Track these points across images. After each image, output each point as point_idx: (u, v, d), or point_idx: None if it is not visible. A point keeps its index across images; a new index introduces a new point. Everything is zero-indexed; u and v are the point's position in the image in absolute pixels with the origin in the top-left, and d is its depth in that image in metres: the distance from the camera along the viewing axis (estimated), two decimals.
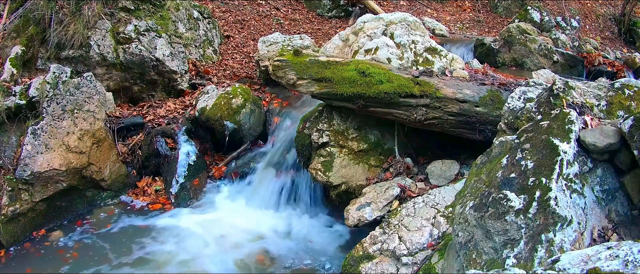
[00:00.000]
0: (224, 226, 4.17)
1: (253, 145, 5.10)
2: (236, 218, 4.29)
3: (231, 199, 4.59)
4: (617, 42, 8.76)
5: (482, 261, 2.07)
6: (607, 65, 7.01)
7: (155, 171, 4.77)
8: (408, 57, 4.82)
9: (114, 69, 5.12)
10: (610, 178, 2.23)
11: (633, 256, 1.42)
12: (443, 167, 3.80)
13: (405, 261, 2.92)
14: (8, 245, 3.80)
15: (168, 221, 4.23)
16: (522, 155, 2.23)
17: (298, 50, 3.98)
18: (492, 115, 3.54)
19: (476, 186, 2.35)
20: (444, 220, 3.07)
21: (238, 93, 4.99)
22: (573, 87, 2.65)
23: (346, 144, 4.03)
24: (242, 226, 4.19)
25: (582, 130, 2.26)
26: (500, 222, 2.03)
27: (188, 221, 4.23)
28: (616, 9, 9.47)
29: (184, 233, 4.06)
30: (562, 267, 1.51)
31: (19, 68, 4.56)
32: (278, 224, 4.23)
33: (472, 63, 5.80)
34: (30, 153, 3.90)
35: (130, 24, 5.15)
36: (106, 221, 4.25)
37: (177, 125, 4.89)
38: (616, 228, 2.12)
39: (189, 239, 3.98)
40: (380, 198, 3.55)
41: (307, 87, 3.80)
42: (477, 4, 9.82)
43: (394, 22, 5.21)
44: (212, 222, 4.22)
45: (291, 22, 8.26)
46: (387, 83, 3.61)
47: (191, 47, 5.97)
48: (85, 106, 4.31)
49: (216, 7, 7.89)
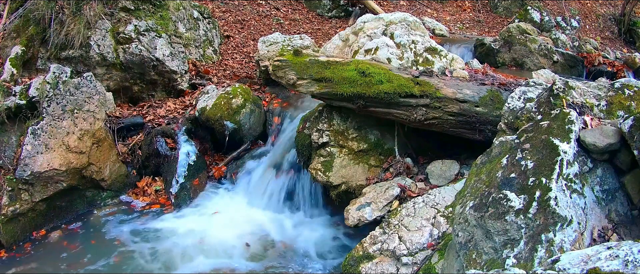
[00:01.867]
0: (224, 226, 4.17)
1: (253, 145, 5.10)
2: (236, 218, 4.29)
3: (231, 199, 4.59)
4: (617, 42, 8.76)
5: (482, 261, 2.07)
6: (607, 65, 7.01)
7: (155, 171, 4.77)
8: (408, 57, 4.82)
9: (114, 69, 5.12)
10: (610, 178, 2.23)
11: (633, 256, 1.42)
12: (443, 167, 3.80)
13: (405, 261, 2.92)
14: (8, 245, 3.80)
15: (168, 221, 4.23)
16: (522, 155, 2.23)
17: (298, 50, 3.98)
18: (492, 115, 3.54)
19: (476, 186, 2.35)
20: (444, 220, 3.07)
21: (238, 93, 4.99)
22: (573, 87, 2.65)
23: (346, 144, 4.03)
24: (242, 226, 4.18)
25: (582, 130, 2.26)
26: (500, 222, 2.03)
27: (188, 221, 4.23)
28: (616, 9, 9.47)
29: (184, 233, 4.06)
30: (562, 267, 1.51)
31: (19, 68, 4.57)
32: (278, 224, 4.23)
33: (472, 63, 5.80)
34: (30, 153, 3.90)
35: (130, 24, 5.15)
36: (106, 221, 4.25)
37: (177, 125, 4.89)
38: (616, 228, 2.12)
39: (188, 239, 3.98)
40: (380, 198, 3.55)
41: (307, 87, 3.80)
42: (477, 4, 9.82)
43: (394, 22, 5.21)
44: (211, 222, 4.22)
45: (291, 22, 8.26)
46: (387, 83, 3.61)
47: (191, 47, 5.97)
48: (85, 106, 4.31)
49: (216, 7, 7.89)
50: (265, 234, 4.11)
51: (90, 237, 4.01)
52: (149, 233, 4.07)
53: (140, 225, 4.19)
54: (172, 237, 4.01)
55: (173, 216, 4.32)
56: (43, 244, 3.91)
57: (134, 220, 4.26)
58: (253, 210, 4.41)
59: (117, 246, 3.89)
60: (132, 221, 4.24)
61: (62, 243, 3.92)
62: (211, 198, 4.59)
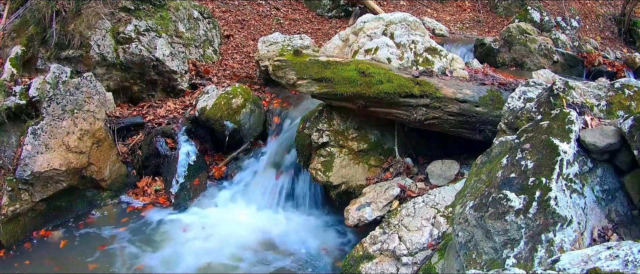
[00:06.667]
0: (224, 226, 4.17)
1: (253, 145, 5.10)
2: (236, 218, 4.29)
3: (231, 199, 4.59)
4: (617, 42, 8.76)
5: (482, 261, 2.07)
6: (607, 65, 7.02)
7: (155, 171, 4.77)
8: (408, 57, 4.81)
9: (114, 69, 5.12)
10: (610, 178, 2.23)
11: (633, 256, 1.42)
12: (443, 167, 3.80)
13: (405, 261, 2.92)
14: (8, 245, 3.80)
15: (168, 221, 4.23)
16: (522, 155, 2.23)
17: (298, 50, 3.98)
18: (492, 115, 3.54)
19: (476, 186, 2.35)
20: (444, 220, 3.07)
21: (238, 93, 4.99)
22: (573, 87, 2.65)
23: (346, 144, 4.03)
24: (241, 226, 4.18)
25: (582, 130, 2.26)
26: (500, 222, 2.03)
27: (188, 221, 4.23)
28: (616, 9, 9.47)
29: (184, 233, 4.06)
30: (562, 267, 1.51)
31: (19, 68, 4.56)
32: (278, 224, 4.23)
33: (472, 63, 5.80)
34: (30, 153, 3.90)
35: (130, 24, 5.15)
36: (106, 221, 4.25)
37: (177, 125, 4.89)
38: (616, 228, 2.12)
39: (188, 239, 3.98)
40: (380, 198, 3.55)
41: (307, 87, 3.80)
42: (477, 4, 9.82)
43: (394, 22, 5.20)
44: (211, 222, 4.22)
45: (291, 22, 8.26)
46: (387, 83, 3.61)
47: (191, 47, 5.97)
48: (85, 106, 4.31)
49: (216, 7, 7.89)
50: (264, 234, 4.11)
51: (90, 237, 4.01)
52: (149, 233, 4.07)
53: (140, 225, 4.19)
54: (172, 237, 4.01)
55: (173, 216, 4.32)
56: (43, 244, 3.91)
57: (134, 220, 4.26)
58: (253, 209, 4.41)
59: (117, 246, 3.89)
60: (132, 221, 4.24)
61: (62, 243, 3.92)
62: (211, 198, 4.59)
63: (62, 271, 3.59)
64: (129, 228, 4.13)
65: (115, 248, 3.86)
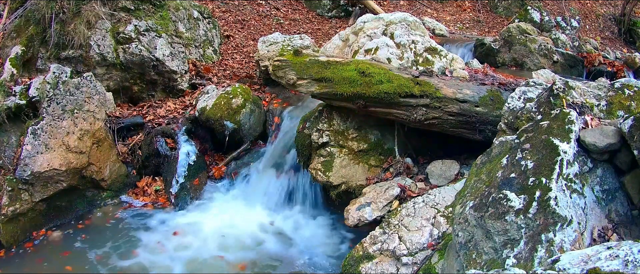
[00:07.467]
0: (224, 226, 4.17)
1: (253, 145, 5.10)
2: (236, 218, 4.29)
3: (231, 199, 4.59)
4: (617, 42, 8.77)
5: (482, 261, 2.07)
6: (607, 65, 7.02)
7: (155, 171, 4.77)
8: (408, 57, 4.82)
9: (114, 69, 5.12)
10: (610, 178, 2.23)
11: (633, 256, 1.42)
12: (443, 167, 3.80)
13: (405, 261, 2.92)
14: (8, 245, 3.80)
15: (168, 221, 4.23)
16: (522, 155, 2.23)
17: (298, 50, 3.98)
18: (492, 115, 3.54)
19: (476, 186, 2.35)
20: (444, 220, 3.07)
21: (238, 93, 4.99)
22: (573, 87, 2.65)
23: (346, 144, 4.03)
24: (241, 226, 4.19)
25: (582, 130, 2.26)
26: (500, 222, 2.03)
27: (188, 221, 4.23)
28: (616, 9, 9.47)
29: (184, 233, 4.06)
30: (562, 267, 1.51)
31: (19, 68, 4.56)
32: (277, 224, 4.23)
33: (472, 63, 5.80)
34: (30, 153, 3.89)
35: (130, 24, 5.15)
36: (106, 221, 4.25)
37: (177, 125, 4.89)
38: (616, 228, 2.12)
39: (188, 239, 3.98)
40: (380, 198, 3.55)
41: (307, 87, 3.80)
42: (477, 4, 9.82)
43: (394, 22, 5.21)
44: (211, 222, 4.22)
45: (291, 22, 8.26)
46: (387, 83, 3.61)
47: (191, 47, 5.97)
48: (85, 106, 4.31)
49: (216, 7, 7.89)
50: (264, 234, 4.11)
51: (90, 237, 4.01)
52: (149, 233, 4.07)
53: (140, 224, 4.19)
54: (172, 237, 4.01)
55: (173, 216, 4.32)
56: (43, 244, 3.91)
57: (134, 220, 4.26)
58: (253, 209, 4.42)
59: (117, 246, 3.89)
60: (132, 221, 4.24)
61: (62, 243, 3.92)
62: (211, 198, 4.59)
63: (62, 271, 3.59)
64: (129, 229, 4.13)
65: (115, 248, 3.86)
